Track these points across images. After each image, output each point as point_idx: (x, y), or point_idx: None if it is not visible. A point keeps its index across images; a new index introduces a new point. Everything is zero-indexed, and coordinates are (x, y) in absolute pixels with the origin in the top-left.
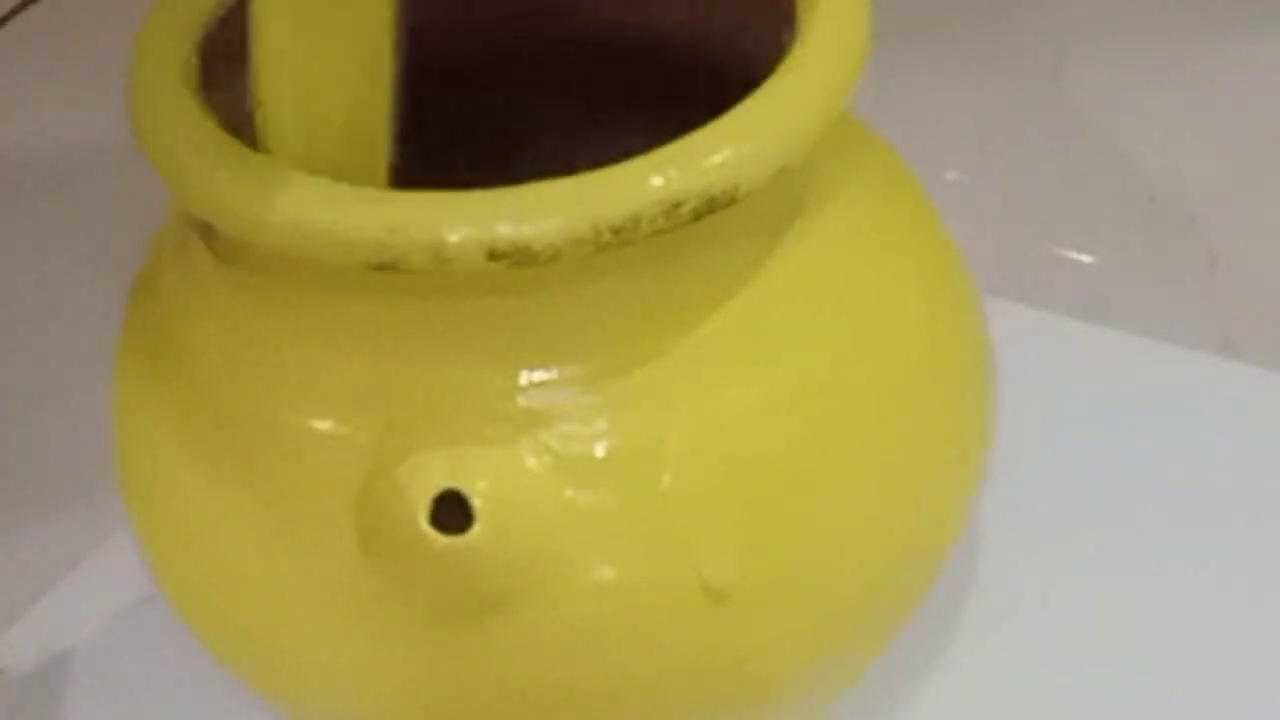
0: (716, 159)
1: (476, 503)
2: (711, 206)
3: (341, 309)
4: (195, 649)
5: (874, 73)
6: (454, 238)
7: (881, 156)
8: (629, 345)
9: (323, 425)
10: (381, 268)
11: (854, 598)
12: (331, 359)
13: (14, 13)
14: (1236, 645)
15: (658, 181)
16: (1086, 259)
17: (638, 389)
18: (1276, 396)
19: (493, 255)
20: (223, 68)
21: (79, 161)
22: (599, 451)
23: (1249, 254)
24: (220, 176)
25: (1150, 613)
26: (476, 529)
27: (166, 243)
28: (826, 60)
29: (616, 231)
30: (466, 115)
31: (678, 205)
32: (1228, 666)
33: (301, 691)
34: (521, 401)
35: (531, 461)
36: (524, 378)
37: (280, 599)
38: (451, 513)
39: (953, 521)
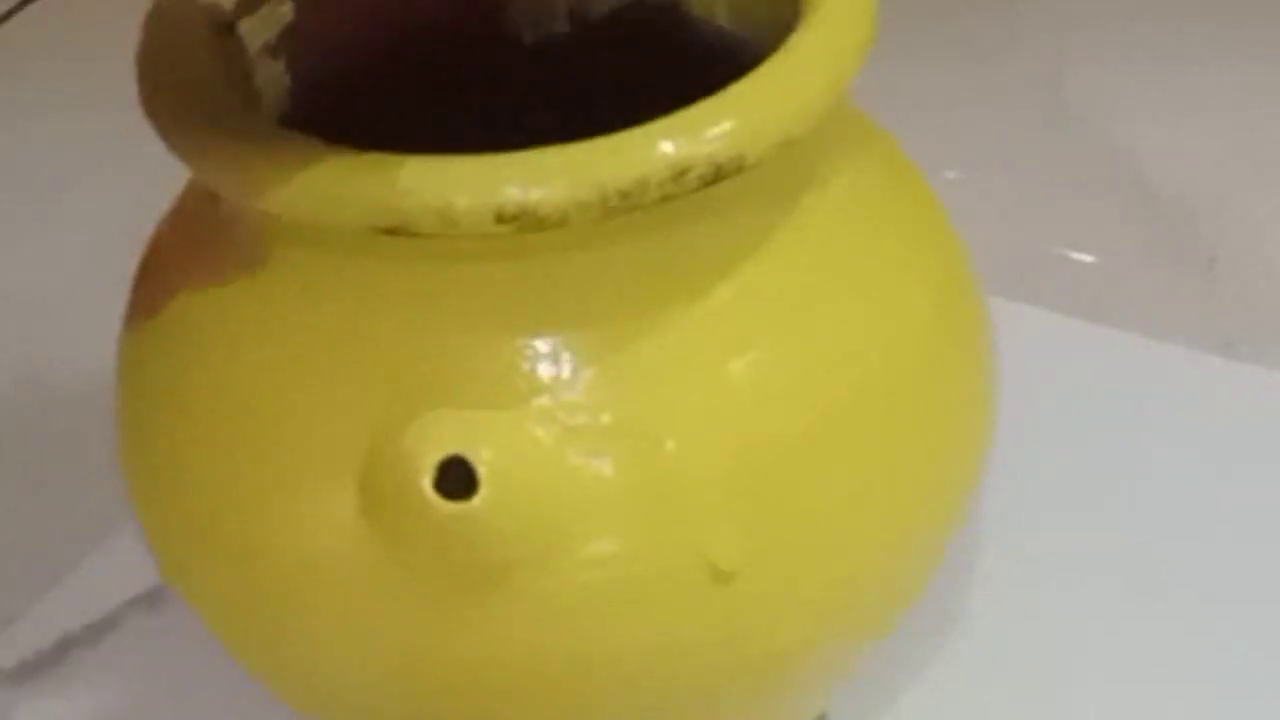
0: (724, 126)
1: (481, 470)
2: (718, 174)
3: (348, 273)
4: (195, 648)
5: (875, 71)
6: (462, 200)
7: (885, 146)
8: (635, 313)
9: (328, 390)
10: (389, 231)
11: (857, 574)
12: (338, 324)
13: (13, 12)
14: (1236, 644)
15: (666, 147)
16: (1086, 259)
17: (644, 358)
18: (1276, 396)
19: (500, 218)
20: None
21: (79, 160)
22: (604, 420)
23: (1249, 254)
24: (227, 142)
25: (1150, 612)
26: (481, 496)
27: (173, 228)
28: (833, 36)
29: (624, 196)
30: (475, 84)
31: (685, 171)
32: (1227, 666)
33: (303, 661)
34: (527, 369)
35: (537, 429)
36: (530, 345)
37: (284, 566)
38: (456, 480)
39: (956, 499)
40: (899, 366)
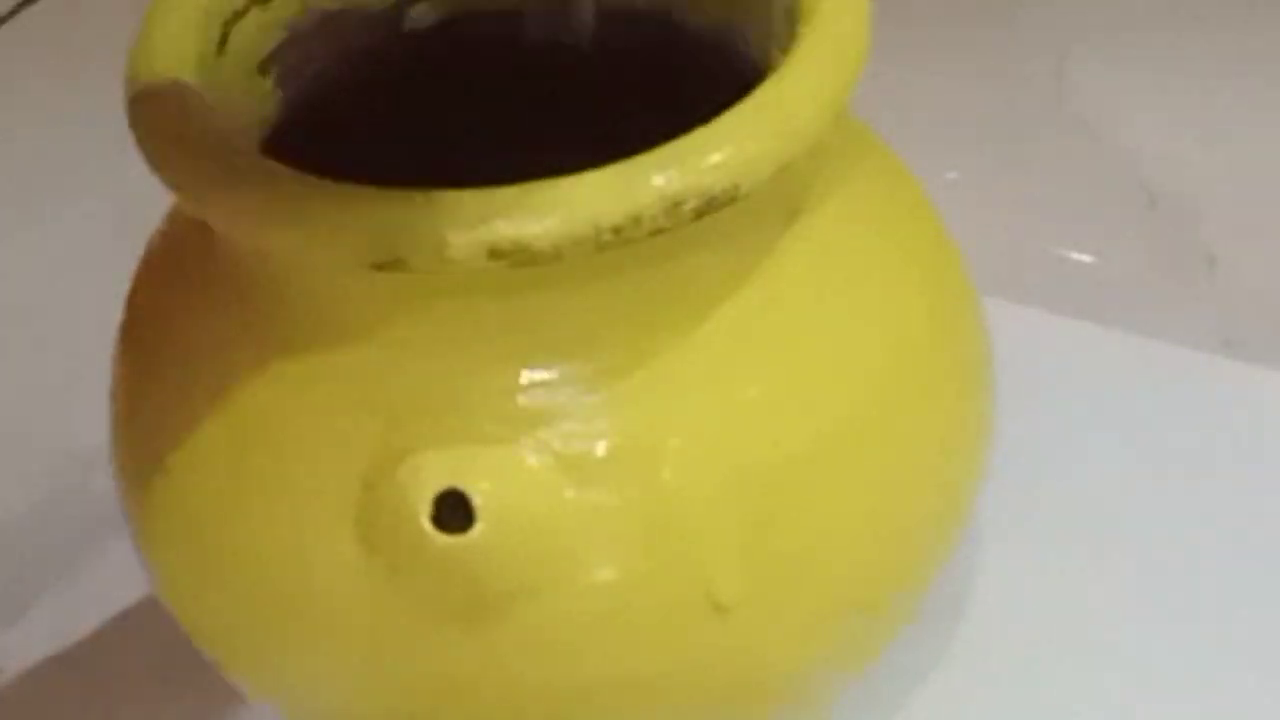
0: (717, 158)
1: (478, 502)
2: (712, 205)
3: (342, 309)
4: (195, 649)
5: (874, 73)
6: (455, 237)
7: (881, 156)
8: (630, 344)
9: (324, 425)
10: (383, 267)
11: (856, 596)
12: (332, 358)
13: (14, 13)
14: (1236, 645)
15: (658, 180)
16: (1086, 259)
17: (639, 388)
18: (1276, 396)
19: (494, 254)
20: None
21: (78, 161)
22: (600, 451)
23: (1249, 254)
24: (219, 178)
25: (1150, 612)
26: (478, 528)
27: (166, 242)
28: (827, 59)
29: (617, 231)
30: (467, 114)
31: (678, 204)
32: (1227, 666)
33: (301, 692)
34: (522, 400)
35: (533, 461)
36: (525, 377)
37: (281, 599)
38: (453, 512)
39: (954, 519)
40: (897, 388)
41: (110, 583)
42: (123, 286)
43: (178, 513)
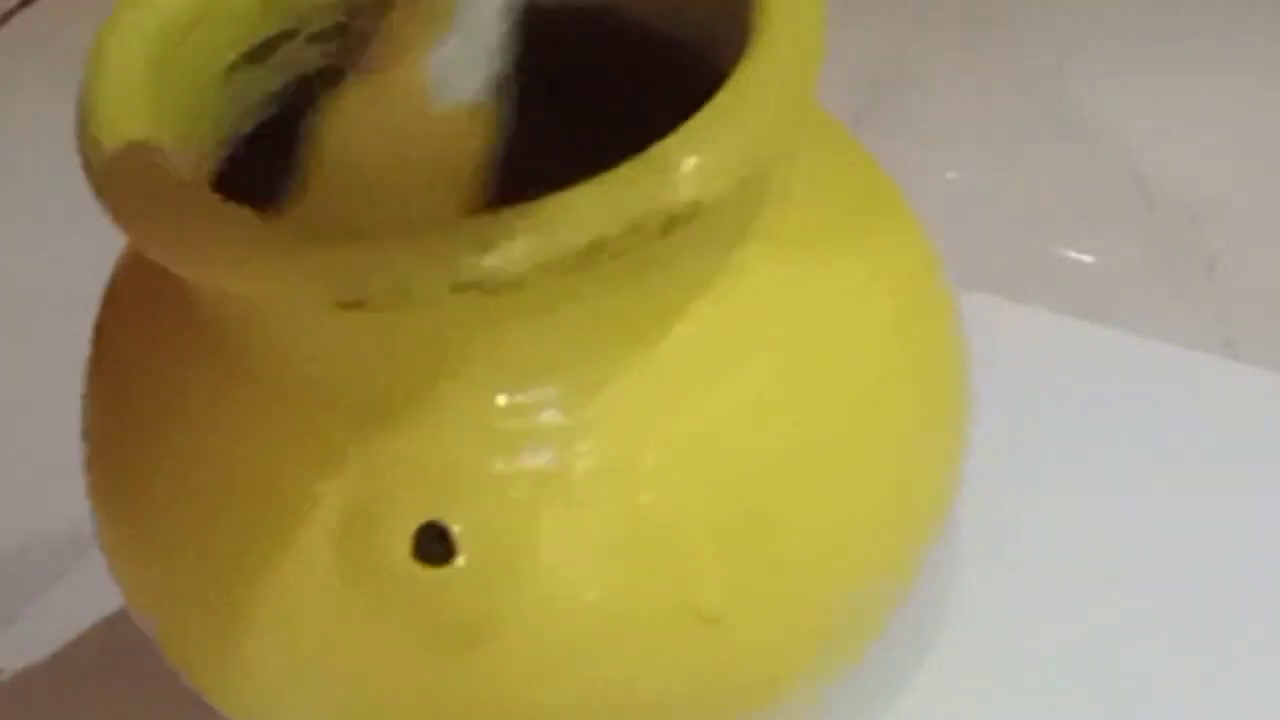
0: (676, 175)
1: (457, 532)
2: (674, 223)
3: (311, 345)
4: None
5: (874, 73)
6: (417, 274)
7: (853, 155)
8: (602, 363)
9: (300, 462)
10: (347, 307)
11: (837, 602)
12: (306, 395)
13: (13, 12)
14: (1234, 646)
15: (619, 203)
16: (1086, 259)
17: (613, 407)
18: (1276, 396)
19: (456, 288)
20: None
21: (77, 161)
22: (577, 472)
23: (1249, 254)
24: (179, 226)
25: (1149, 612)
26: (459, 559)
27: (130, 274)
28: (783, 66)
29: (581, 255)
30: None
31: (641, 225)
32: (1225, 667)
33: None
34: (497, 427)
35: (511, 487)
36: (499, 402)
37: (263, 634)
38: (433, 543)
39: (934, 513)
40: (869, 394)
41: (107, 584)
42: None
43: (156, 552)
